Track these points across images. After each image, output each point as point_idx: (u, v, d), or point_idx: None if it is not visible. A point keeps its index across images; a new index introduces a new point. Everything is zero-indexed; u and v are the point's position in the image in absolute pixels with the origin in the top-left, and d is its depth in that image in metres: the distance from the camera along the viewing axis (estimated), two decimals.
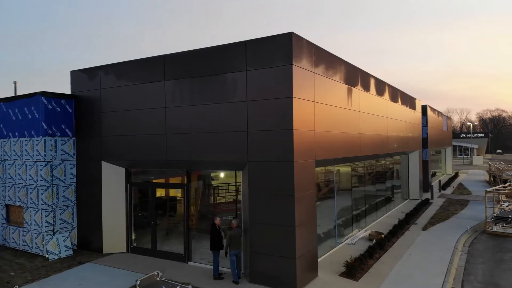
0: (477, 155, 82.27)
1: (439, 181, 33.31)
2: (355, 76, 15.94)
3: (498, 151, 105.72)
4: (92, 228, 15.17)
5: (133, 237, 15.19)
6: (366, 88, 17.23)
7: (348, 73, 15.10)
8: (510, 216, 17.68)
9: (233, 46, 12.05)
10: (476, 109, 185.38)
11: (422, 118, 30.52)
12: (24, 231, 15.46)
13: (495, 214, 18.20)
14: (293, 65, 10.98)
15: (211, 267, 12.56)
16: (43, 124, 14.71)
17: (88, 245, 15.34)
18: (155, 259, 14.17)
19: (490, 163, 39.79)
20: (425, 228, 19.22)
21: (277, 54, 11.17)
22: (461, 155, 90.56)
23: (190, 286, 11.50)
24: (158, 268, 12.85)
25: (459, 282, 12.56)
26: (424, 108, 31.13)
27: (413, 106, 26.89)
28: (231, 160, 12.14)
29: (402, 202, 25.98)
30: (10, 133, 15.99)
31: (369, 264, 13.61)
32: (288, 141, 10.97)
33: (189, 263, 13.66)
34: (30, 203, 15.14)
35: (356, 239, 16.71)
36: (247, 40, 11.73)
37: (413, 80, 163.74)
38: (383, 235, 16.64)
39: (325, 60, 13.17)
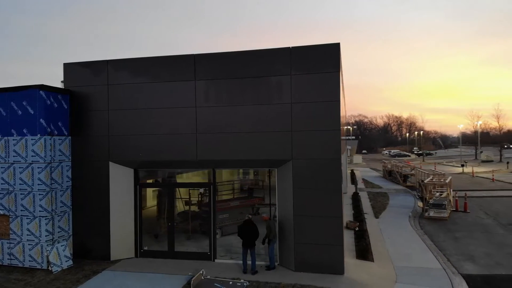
0: (351, 155, 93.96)
1: (355, 177, 37.82)
2: None
3: (364, 151, 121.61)
4: (95, 234, 14.04)
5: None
6: None
7: None
8: (444, 203, 21.70)
9: (276, 51, 12.73)
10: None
11: None
12: (10, 243, 13.49)
13: (431, 202, 22.08)
14: (339, 72, 12.30)
15: (239, 262, 13.01)
16: (42, 121, 13.15)
17: (88, 253, 14.11)
18: (176, 260, 13.86)
19: (384, 161, 46.40)
20: (376, 216, 22.27)
21: (325, 61, 12.27)
22: None
23: (242, 280, 11.86)
24: (187, 268, 12.88)
25: (442, 256, 15.32)
26: None
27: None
28: (270, 158, 12.81)
29: None
30: None
31: (368, 248, 15.62)
32: (336, 140, 12.22)
33: (216, 260, 13.81)
34: (21, 210, 13.32)
35: None
36: (292, 47, 12.60)
37: None
38: (357, 224, 18.94)
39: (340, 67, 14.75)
